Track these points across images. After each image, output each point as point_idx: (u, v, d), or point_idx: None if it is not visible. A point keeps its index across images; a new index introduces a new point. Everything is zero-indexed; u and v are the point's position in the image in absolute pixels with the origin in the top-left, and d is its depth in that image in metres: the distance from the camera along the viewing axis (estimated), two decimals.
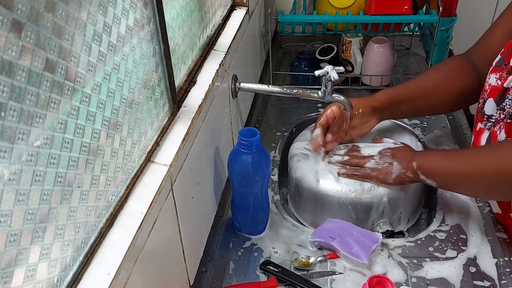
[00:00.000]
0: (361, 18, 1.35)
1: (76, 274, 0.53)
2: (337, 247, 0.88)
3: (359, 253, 0.86)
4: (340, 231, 0.91)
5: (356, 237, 0.89)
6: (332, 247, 0.90)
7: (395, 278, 0.85)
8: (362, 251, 0.87)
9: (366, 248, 0.87)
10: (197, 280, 0.86)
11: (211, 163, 0.94)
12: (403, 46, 1.64)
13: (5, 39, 0.37)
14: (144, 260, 0.63)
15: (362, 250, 0.87)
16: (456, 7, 1.40)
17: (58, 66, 0.45)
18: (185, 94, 0.85)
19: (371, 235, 0.90)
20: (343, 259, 0.88)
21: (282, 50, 1.67)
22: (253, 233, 0.95)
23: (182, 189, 0.77)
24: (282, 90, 1.07)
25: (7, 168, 0.40)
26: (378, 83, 1.41)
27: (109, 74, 0.57)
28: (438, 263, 0.88)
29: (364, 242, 0.88)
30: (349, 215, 0.96)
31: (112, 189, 0.60)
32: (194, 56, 0.92)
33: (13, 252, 0.41)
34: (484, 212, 0.98)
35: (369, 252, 0.86)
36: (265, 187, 0.92)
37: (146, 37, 0.67)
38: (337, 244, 0.89)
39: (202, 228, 0.92)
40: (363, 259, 0.86)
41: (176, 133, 0.76)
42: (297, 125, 1.29)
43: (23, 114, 0.41)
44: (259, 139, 0.86)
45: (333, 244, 0.89)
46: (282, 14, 1.36)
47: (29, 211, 0.43)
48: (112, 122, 0.58)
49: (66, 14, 0.46)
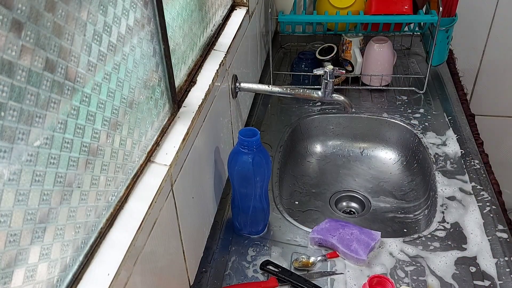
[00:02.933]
0: (361, 18, 1.35)
1: (76, 274, 0.53)
2: (336, 243, 0.89)
3: (358, 250, 0.87)
4: (340, 229, 0.91)
5: (355, 235, 0.89)
6: (331, 244, 0.90)
7: (395, 277, 0.85)
8: (361, 247, 0.87)
9: (365, 245, 0.87)
10: (197, 280, 0.86)
11: (211, 163, 0.94)
12: (403, 46, 1.64)
13: (5, 39, 0.37)
14: (144, 260, 0.63)
15: (361, 247, 0.87)
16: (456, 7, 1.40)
17: (58, 66, 0.45)
18: (185, 94, 0.85)
19: (370, 233, 0.90)
20: (342, 256, 0.89)
21: (282, 50, 1.67)
22: (253, 233, 0.95)
23: (182, 189, 0.76)
24: (282, 90, 1.07)
25: (7, 168, 0.40)
26: (378, 83, 1.41)
27: (109, 74, 0.57)
28: (438, 262, 0.88)
29: (363, 239, 0.88)
30: None
31: (112, 189, 0.60)
32: (194, 56, 0.92)
33: (13, 252, 0.41)
34: (485, 212, 0.98)
35: (368, 249, 0.87)
36: (265, 187, 0.92)
37: (146, 37, 0.67)
38: (336, 241, 0.89)
39: (202, 228, 0.91)
40: (362, 255, 0.86)
41: (176, 133, 0.76)
42: (297, 125, 1.29)
43: (23, 114, 0.41)
44: (259, 139, 0.86)
45: (332, 241, 0.89)
46: (283, 14, 1.36)
47: (29, 211, 0.43)
48: (112, 122, 0.58)
49: (66, 14, 0.46)
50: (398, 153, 1.29)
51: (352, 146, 1.32)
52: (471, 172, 1.10)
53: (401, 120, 1.28)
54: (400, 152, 1.28)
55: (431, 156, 1.15)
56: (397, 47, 1.57)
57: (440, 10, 1.25)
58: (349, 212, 1.17)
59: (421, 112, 1.31)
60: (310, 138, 1.32)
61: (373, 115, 1.31)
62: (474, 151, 1.16)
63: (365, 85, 1.42)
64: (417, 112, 1.31)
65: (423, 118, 1.28)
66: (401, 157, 1.28)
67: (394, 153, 1.29)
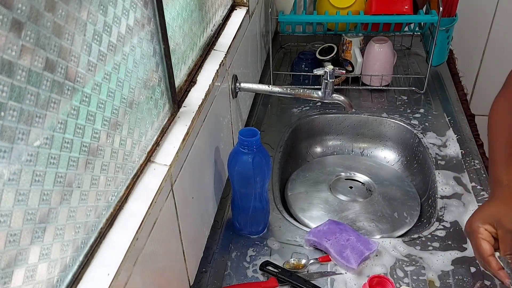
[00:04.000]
0: (361, 18, 1.35)
1: (76, 274, 0.53)
2: (329, 248, 0.88)
3: (350, 258, 0.86)
4: (337, 234, 0.91)
5: (351, 242, 0.89)
6: (324, 247, 0.89)
7: (395, 277, 0.85)
8: (353, 256, 0.86)
9: (358, 253, 0.87)
10: (197, 280, 0.86)
11: (211, 163, 0.94)
12: (403, 46, 1.64)
13: (5, 39, 0.37)
14: (144, 261, 0.63)
15: (354, 255, 0.86)
16: (456, 7, 1.40)
17: (58, 66, 0.45)
18: (185, 94, 0.85)
19: (367, 242, 0.89)
20: (334, 261, 0.88)
21: (282, 50, 1.67)
22: (253, 233, 0.95)
23: (182, 189, 0.76)
24: (282, 90, 1.07)
25: (7, 168, 0.40)
26: (378, 83, 1.41)
27: (109, 74, 0.57)
28: (438, 262, 0.88)
29: (358, 248, 0.88)
30: None
31: (112, 189, 0.60)
32: (194, 56, 0.92)
33: (12, 252, 0.41)
34: None
35: (360, 258, 0.86)
36: (265, 187, 0.92)
37: (146, 36, 0.67)
38: (330, 245, 0.88)
39: (202, 228, 0.91)
40: (353, 264, 0.85)
41: (176, 133, 0.76)
42: (297, 125, 1.29)
43: (23, 114, 0.41)
44: (259, 139, 0.86)
45: (326, 245, 0.89)
46: (283, 14, 1.36)
47: (28, 211, 0.43)
48: (112, 122, 0.58)
49: (66, 14, 0.46)
50: (398, 153, 1.29)
51: (352, 146, 1.32)
52: (471, 172, 1.10)
53: (401, 120, 1.28)
54: (400, 152, 1.28)
55: (431, 156, 1.15)
56: (397, 47, 1.57)
57: (440, 10, 1.25)
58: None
59: (421, 112, 1.31)
60: (310, 138, 1.32)
61: (373, 115, 1.31)
62: (474, 151, 1.16)
63: (365, 85, 1.42)
64: (417, 112, 1.31)
65: (423, 118, 1.28)
66: (401, 157, 1.28)
67: (394, 153, 1.29)
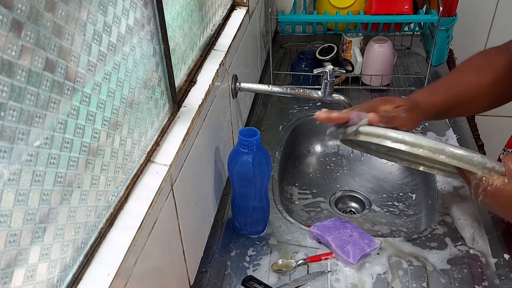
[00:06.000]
0: (361, 18, 1.35)
1: (76, 274, 0.53)
2: (330, 242, 0.89)
3: (350, 253, 0.87)
4: (341, 229, 0.91)
5: (354, 238, 0.89)
6: (326, 241, 0.90)
7: (395, 277, 0.85)
8: (354, 251, 0.87)
9: (359, 249, 0.87)
10: (197, 280, 0.86)
11: (211, 163, 0.94)
12: (403, 46, 1.63)
13: (5, 39, 0.37)
14: (144, 260, 0.63)
15: (355, 251, 0.87)
16: (456, 7, 1.40)
17: (58, 66, 0.45)
18: (185, 94, 0.85)
19: (370, 239, 0.90)
20: (334, 255, 0.89)
21: (282, 50, 1.67)
22: (253, 233, 0.95)
23: (182, 189, 0.76)
24: (282, 90, 1.07)
25: (7, 168, 0.40)
26: (378, 83, 1.41)
27: (109, 74, 0.57)
28: (438, 262, 0.88)
29: (360, 244, 0.88)
30: None
31: (112, 189, 0.60)
32: (194, 56, 0.92)
33: (12, 253, 0.41)
34: (485, 211, 0.98)
35: (360, 254, 0.87)
36: (265, 187, 0.92)
37: (146, 36, 0.67)
38: (332, 239, 0.89)
39: (202, 228, 0.91)
40: (352, 259, 0.86)
41: (176, 133, 0.76)
42: (297, 125, 1.29)
43: (23, 114, 0.41)
44: (259, 139, 0.86)
45: (328, 239, 0.89)
46: (283, 14, 1.36)
47: (29, 211, 0.43)
48: (112, 122, 0.58)
49: (66, 14, 0.46)
50: None
51: None
52: None
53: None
54: None
55: None
56: (397, 47, 1.57)
57: (440, 10, 1.25)
58: (349, 211, 1.17)
59: None
60: (310, 138, 1.32)
61: None
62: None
63: (365, 85, 1.42)
64: None
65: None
66: None
67: None
